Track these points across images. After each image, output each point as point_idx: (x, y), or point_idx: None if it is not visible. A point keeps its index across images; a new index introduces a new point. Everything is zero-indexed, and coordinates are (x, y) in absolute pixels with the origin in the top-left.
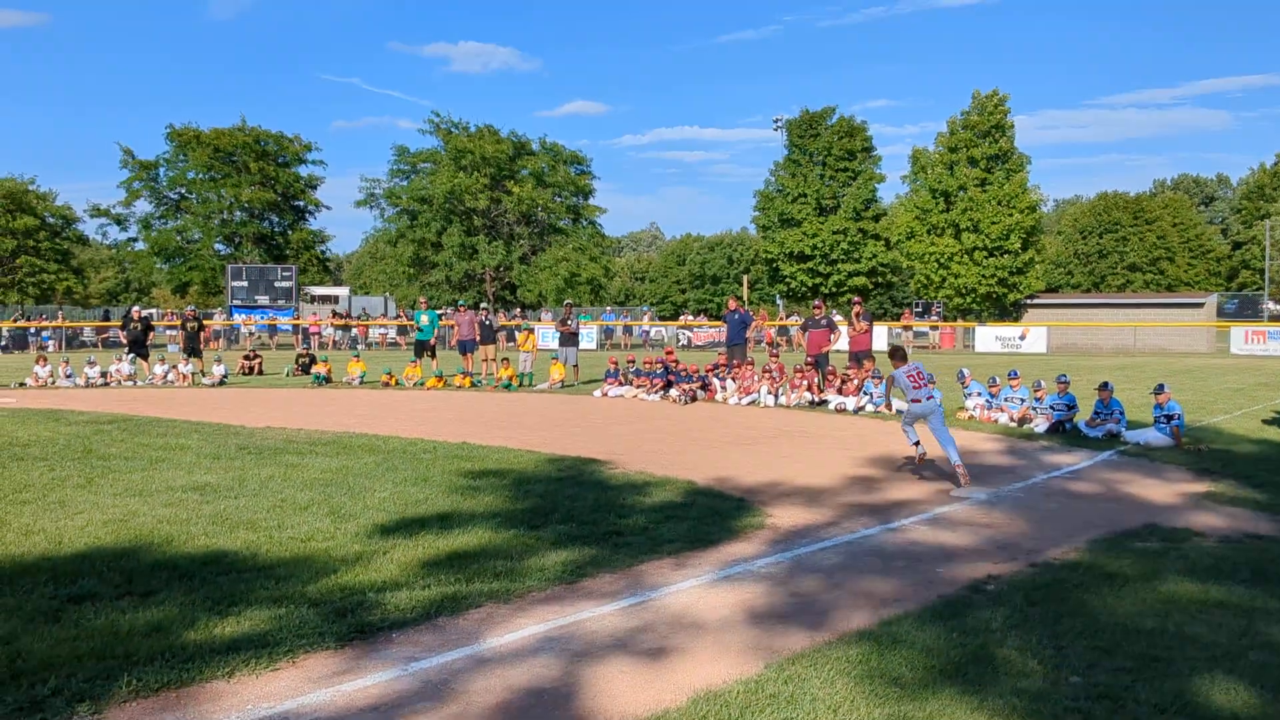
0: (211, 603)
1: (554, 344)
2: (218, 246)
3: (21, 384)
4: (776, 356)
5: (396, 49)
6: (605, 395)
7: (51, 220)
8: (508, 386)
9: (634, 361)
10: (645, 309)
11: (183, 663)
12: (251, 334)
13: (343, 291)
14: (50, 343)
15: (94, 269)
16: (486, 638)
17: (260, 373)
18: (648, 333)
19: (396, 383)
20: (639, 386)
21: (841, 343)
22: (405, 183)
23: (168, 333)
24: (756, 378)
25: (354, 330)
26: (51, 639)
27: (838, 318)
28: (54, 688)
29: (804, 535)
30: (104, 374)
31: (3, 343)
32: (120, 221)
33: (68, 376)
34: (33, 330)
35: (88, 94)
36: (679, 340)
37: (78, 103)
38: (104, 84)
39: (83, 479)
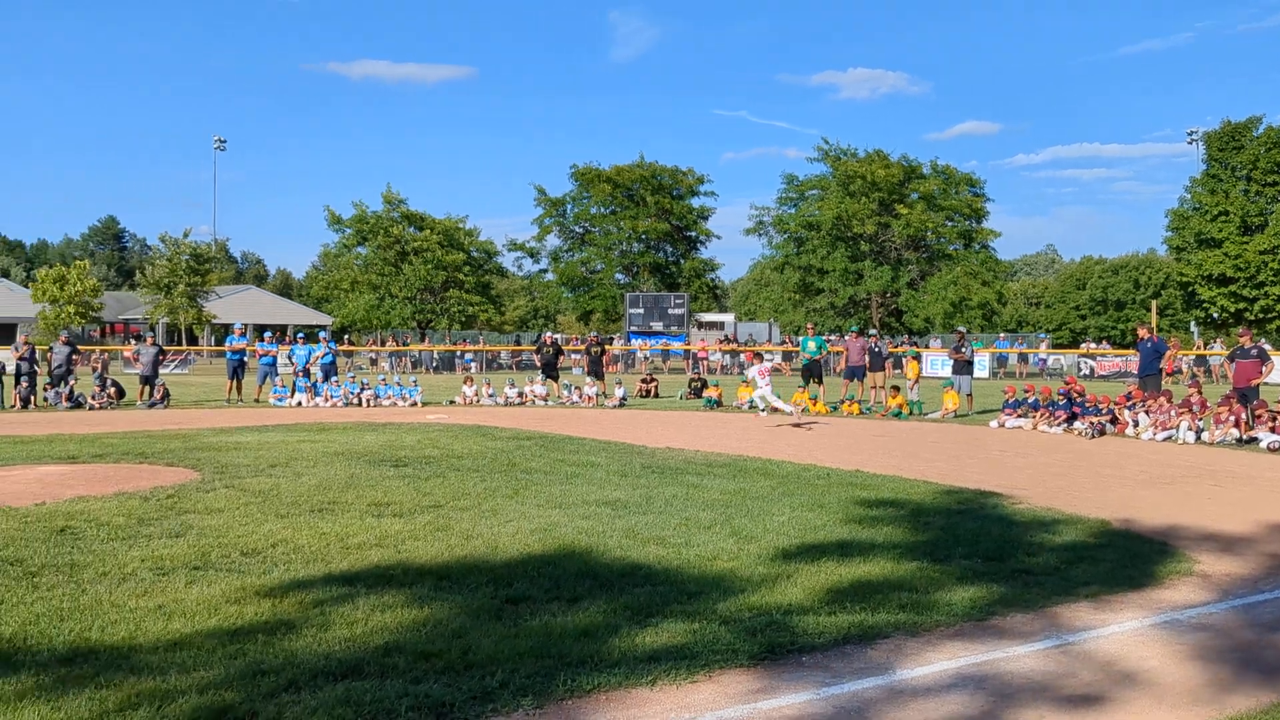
0: (631, 612)
1: (945, 371)
2: (617, 276)
3: (451, 401)
4: (1198, 389)
5: (785, 80)
6: (1003, 426)
7: (476, 255)
8: (897, 415)
9: (1032, 391)
10: (1042, 336)
11: (610, 667)
12: (646, 358)
13: (728, 318)
14: (473, 365)
15: (509, 298)
16: (897, 669)
17: (656, 395)
18: (1044, 361)
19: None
20: (1040, 418)
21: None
22: (793, 210)
23: (574, 356)
24: (1174, 412)
25: (741, 356)
26: (495, 635)
27: (1267, 347)
28: (501, 680)
29: (1240, 585)
30: (520, 394)
31: (434, 364)
32: (533, 254)
33: (490, 396)
34: (458, 353)
35: (507, 137)
36: (1079, 369)
37: (499, 146)
38: (521, 127)
39: (510, 490)
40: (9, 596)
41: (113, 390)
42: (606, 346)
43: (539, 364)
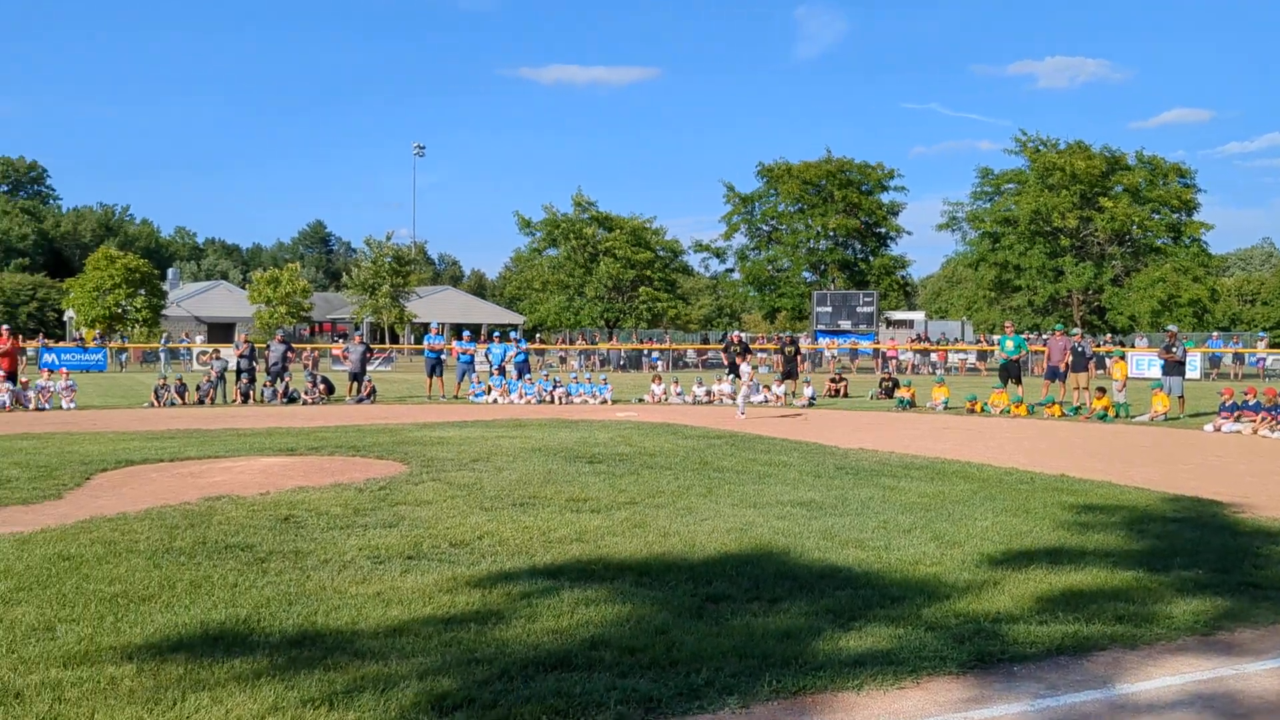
0: (833, 615)
1: (1153, 372)
2: (805, 274)
3: (640, 400)
4: None
5: (979, 71)
6: (1219, 430)
7: (663, 254)
8: (1103, 417)
9: (1253, 394)
10: (1260, 335)
11: (814, 670)
12: (834, 358)
13: (918, 316)
14: (659, 363)
15: (694, 296)
16: (1117, 683)
17: (845, 395)
18: (1263, 361)
19: (981, 409)
20: (1262, 422)
21: None
22: (988, 204)
23: (761, 355)
24: None
25: (933, 355)
26: (698, 633)
27: None
28: (706, 679)
29: None
30: (708, 392)
31: (621, 362)
32: (719, 254)
33: (678, 394)
34: (645, 352)
35: (693, 136)
36: None
37: (685, 145)
38: (707, 126)
39: (704, 488)
40: (242, 580)
41: (323, 386)
42: (800, 346)
43: (726, 362)
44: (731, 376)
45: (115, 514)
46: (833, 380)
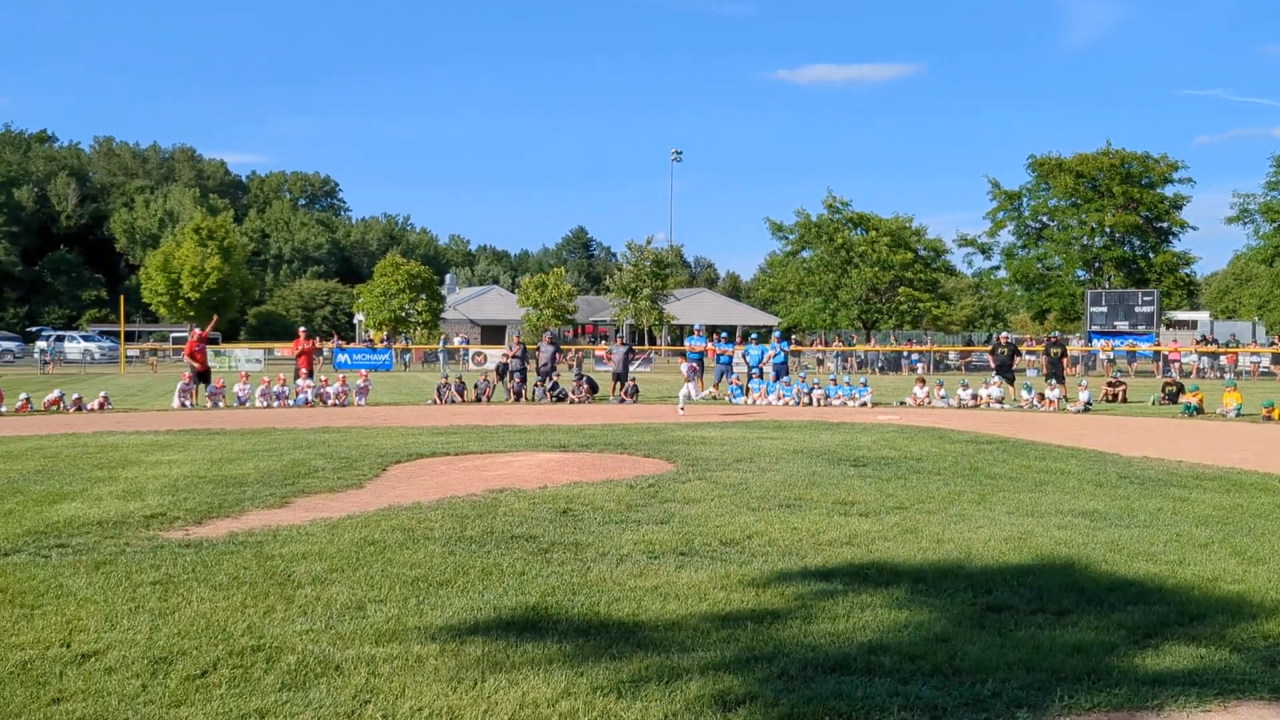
0: (1126, 631)
1: None
2: (1077, 273)
3: (901, 403)
4: None
5: (1268, 52)
6: None
7: (924, 253)
8: None
9: None
10: None
11: (1110, 687)
12: (1110, 360)
13: (1202, 316)
14: (920, 365)
15: (957, 296)
16: None
17: (1124, 400)
18: None
19: None
20: None
21: None
22: None
23: (1028, 357)
24: None
25: (1222, 358)
26: (981, 643)
27: None
28: (993, 690)
29: None
30: (974, 396)
31: (880, 364)
32: (985, 251)
33: (942, 397)
34: (905, 354)
35: (957, 131)
36: None
37: (948, 141)
38: (972, 121)
39: (976, 495)
40: (528, 569)
41: (588, 386)
42: (1066, 347)
43: (993, 365)
44: (999, 379)
45: (410, 503)
46: (1110, 384)
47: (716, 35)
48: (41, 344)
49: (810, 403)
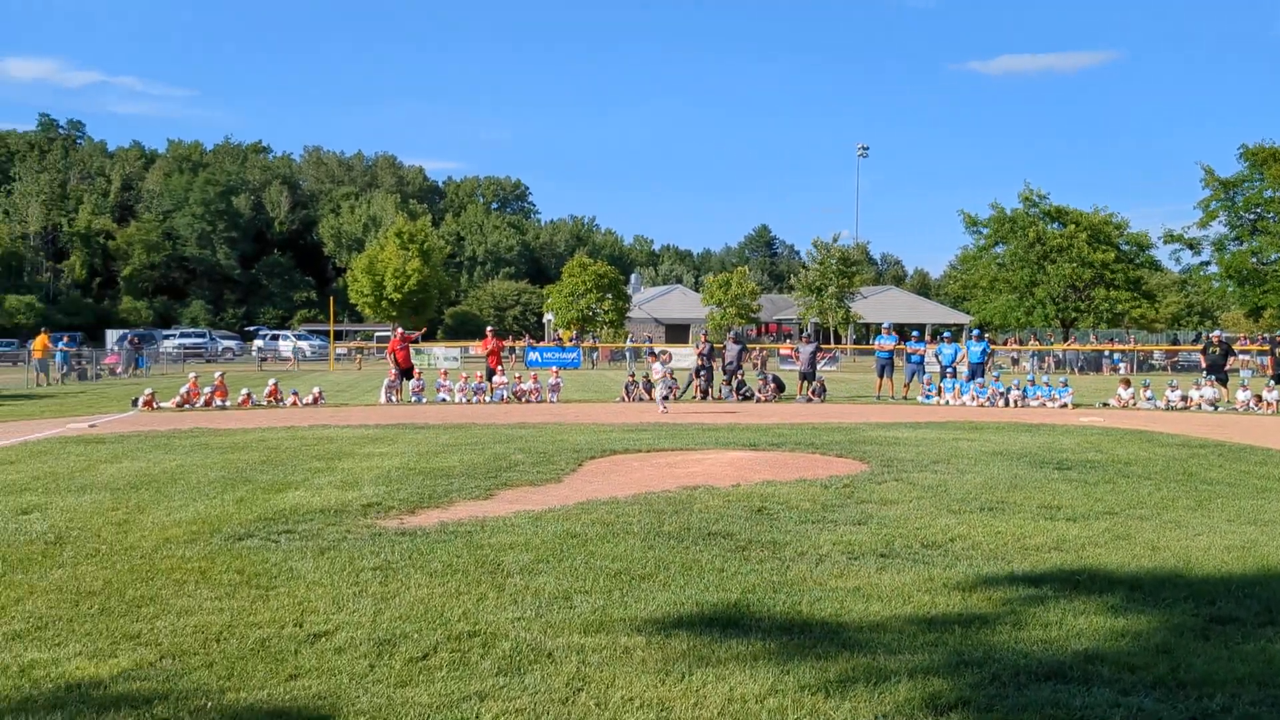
0: None
1: None
2: None
3: (1105, 404)
4: None
5: None
6: None
7: (1125, 248)
8: None
9: None
10: None
11: None
12: None
13: None
14: (1122, 365)
15: (1161, 294)
16: None
17: None
18: None
19: None
20: None
21: None
22: None
23: (1243, 357)
24: None
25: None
26: (1206, 655)
27: None
28: (1221, 704)
29: None
30: (1184, 398)
31: (1079, 364)
32: (1193, 245)
33: (1148, 399)
34: (1105, 353)
35: (1161, 119)
36: None
37: (1152, 130)
38: (1177, 108)
39: (1191, 501)
40: (727, 566)
41: (774, 385)
42: (1232, 345)
43: (1204, 365)
44: (1211, 379)
45: (608, 498)
46: None
47: (905, 28)
48: (258, 342)
49: (1006, 404)
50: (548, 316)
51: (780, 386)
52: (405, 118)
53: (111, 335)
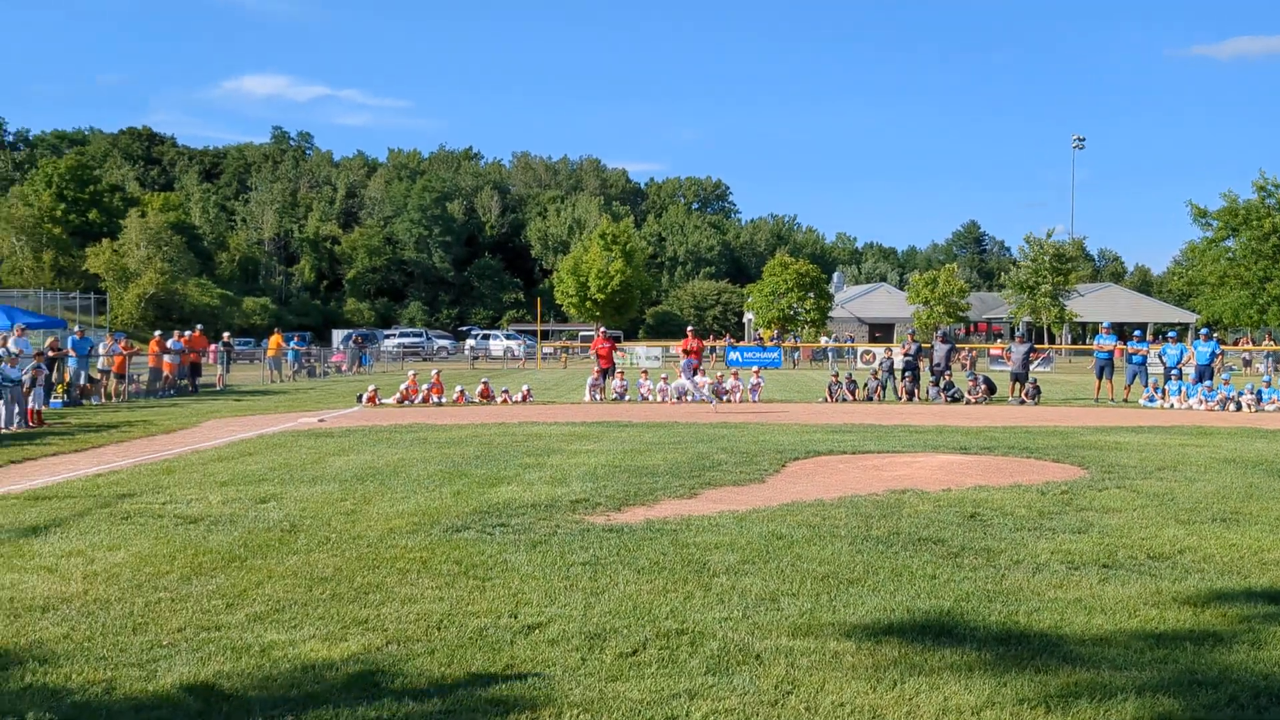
0: None
1: None
2: None
3: None
4: None
5: None
6: None
7: None
8: None
9: None
10: None
11: None
12: None
13: None
14: None
15: None
16: None
17: None
18: None
19: None
20: None
21: None
22: None
23: None
24: None
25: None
26: None
27: None
28: None
29: None
30: None
31: None
32: None
33: None
34: None
35: None
36: None
37: None
38: None
39: None
40: (939, 573)
41: (984, 386)
42: None
43: None
44: None
45: (813, 500)
46: None
47: (1122, 13)
48: (470, 342)
49: (1237, 408)
50: (748, 316)
51: (991, 388)
52: (608, 121)
53: (337, 335)
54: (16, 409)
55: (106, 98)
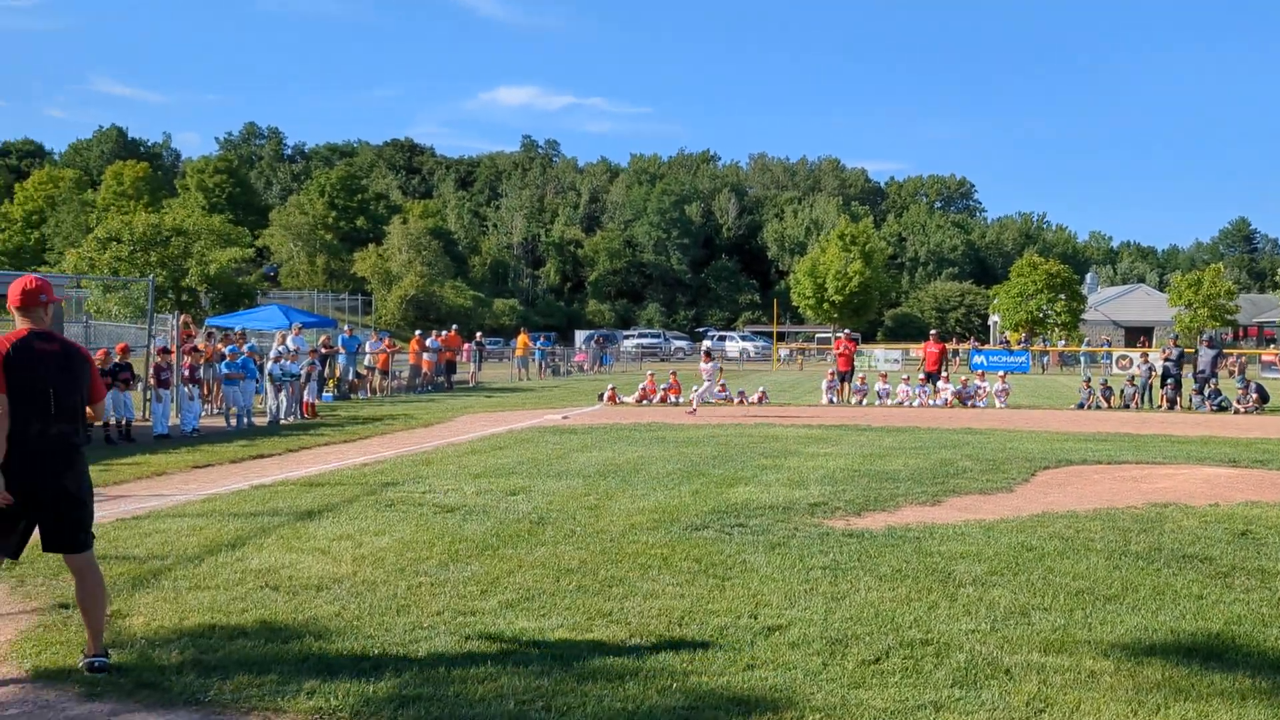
0: None
1: None
2: None
3: None
4: None
5: None
6: None
7: None
8: None
9: None
10: None
11: None
12: None
13: None
14: None
15: None
16: None
17: None
18: None
19: None
20: None
21: None
22: None
23: None
24: None
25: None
26: None
27: None
28: None
29: None
30: None
31: None
32: None
33: None
34: None
35: None
36: None
37: None
38: None
39: None
40: (1206, 593)
41: (1256, 395)
42: None
43: None
44: None
45: (1065, 511)
46: None
47: None
48: (707, 343)
49: None
50: (994, 318)
51: (1264, 396)
52: (847, 121)
53: (580, 335)
54: (294, 402)
55: (375, 112)
